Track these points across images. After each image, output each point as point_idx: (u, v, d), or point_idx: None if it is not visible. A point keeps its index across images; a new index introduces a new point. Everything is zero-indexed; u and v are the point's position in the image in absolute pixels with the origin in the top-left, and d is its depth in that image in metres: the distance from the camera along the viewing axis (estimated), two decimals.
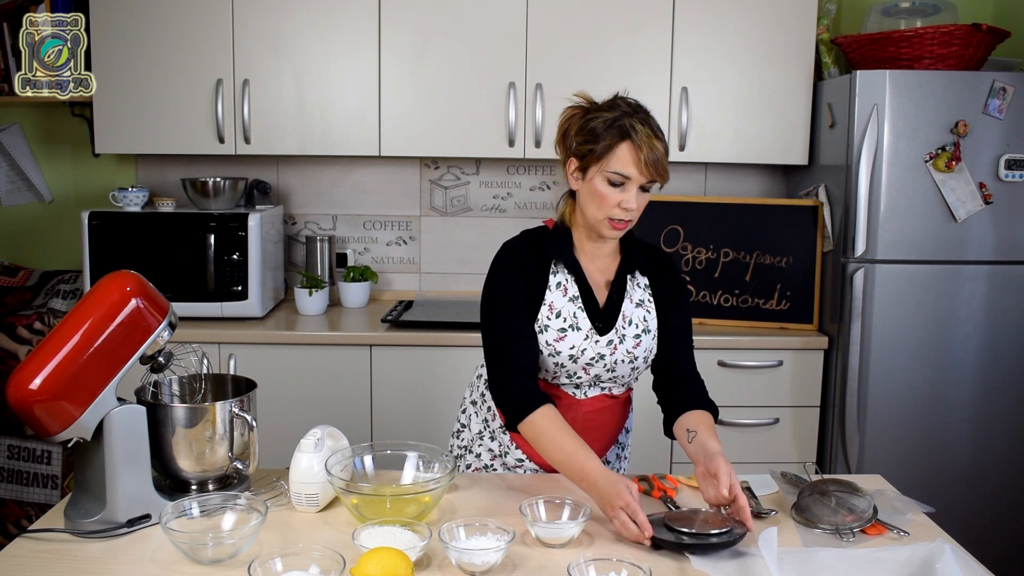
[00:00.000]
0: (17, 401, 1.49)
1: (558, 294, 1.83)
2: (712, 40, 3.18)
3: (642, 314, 1.87)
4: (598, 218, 1.76)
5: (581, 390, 1.88)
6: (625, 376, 1.89)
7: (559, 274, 1.84)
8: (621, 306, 1.86)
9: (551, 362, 1.83)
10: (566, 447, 1.68)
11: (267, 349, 2.99)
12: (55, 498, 3.08)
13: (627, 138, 1.72)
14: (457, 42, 3.15)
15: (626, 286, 1.87)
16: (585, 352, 1.82)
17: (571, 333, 1.81)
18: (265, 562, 1.38)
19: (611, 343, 1.83)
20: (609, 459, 2.00)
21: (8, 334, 3.05)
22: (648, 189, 1.76)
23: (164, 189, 3.48)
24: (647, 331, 1.87)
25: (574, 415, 1.87)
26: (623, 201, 1.73)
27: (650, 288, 1.90)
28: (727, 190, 3.56)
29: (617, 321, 1.84)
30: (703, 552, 1.50)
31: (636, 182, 1.72)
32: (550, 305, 1.82)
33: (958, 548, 1.54)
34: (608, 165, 1.72)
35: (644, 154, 1.70)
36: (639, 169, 1.71)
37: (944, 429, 2.98)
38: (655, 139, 1.73)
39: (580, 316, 1.82)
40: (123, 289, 1.58)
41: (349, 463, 1.72)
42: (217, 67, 3.13)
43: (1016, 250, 2.93)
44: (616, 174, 1.72)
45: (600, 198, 1.74)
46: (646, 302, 1.88)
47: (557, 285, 1.83)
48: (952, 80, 2.86)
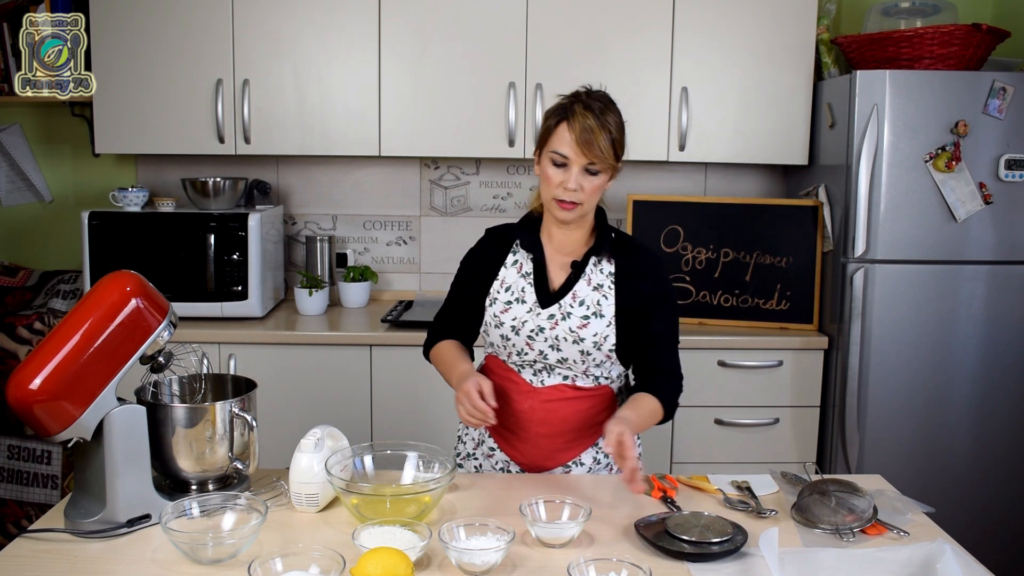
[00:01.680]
0: (17, 401, 1.49)
1: (512, 271, 1.93)
2: (712, 40, 3.18)
3: (597, 298, 1.88)
4: (548, 199, 1.84)
5: (538, 377, 1.90)
6: (576, 360, 1.87)
7: (518, 254, 1.94)
8: (574, 285, 1.89)
9: (497, 334, 1.91)
10: (449, 357, 1.94)
11: (267, 349, 2.99)
12: (55, 498, 3.08)
13: (565, 119, 1.79)
14: (457, 42, 3.15)
15: (586, 268, 1.90)
16: (526, 324, 1.87)
17: (516, 305, 1.90)
18: (265, 562, 1.38)
19: (552, 317, 1.87)
20: (595, 469, 1.95)
21: (8, 334, 3.05)
22: (596, 173, 1.80)
23: (164, 189, 3.48)
24: (599, 315, 1.87)
25: (531, 403, 1.90)
26: (564, 181, 1.79)
27: (614, 275, 1.90)
28: (727, 190, 3.56)
29: (565, 298, 1.88)
30: (704, 560, 1.50)
31: (575, 163, 1.78)
32: (502, 280, 1.93)
33: (958, 548, 1.54)
34: (550, 146, 1.81)
35: (577, 134, 1.76)
36: (573, 149, 1.77)
37: (944, 429, 2.98)
38: (593, 120, 1.76)
39: (528, 291, 1.90)
40: (123, 289, 1.58)
41: (349, 463, 1.72)
42: (217, 67, 3.13)
43: (1016, 250, 2.93)
44: (555, 153, 1.79)
45: (546, 179, 1.82)
46: (605, 287, 1.89)
47: (513, 263, 1.94)
48: (952, 80, 2.86)
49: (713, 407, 3.07)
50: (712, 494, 1.80)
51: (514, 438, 1.93)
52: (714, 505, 1.74)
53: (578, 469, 1.94)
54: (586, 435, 1.94)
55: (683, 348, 2.97)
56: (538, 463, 1.93)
